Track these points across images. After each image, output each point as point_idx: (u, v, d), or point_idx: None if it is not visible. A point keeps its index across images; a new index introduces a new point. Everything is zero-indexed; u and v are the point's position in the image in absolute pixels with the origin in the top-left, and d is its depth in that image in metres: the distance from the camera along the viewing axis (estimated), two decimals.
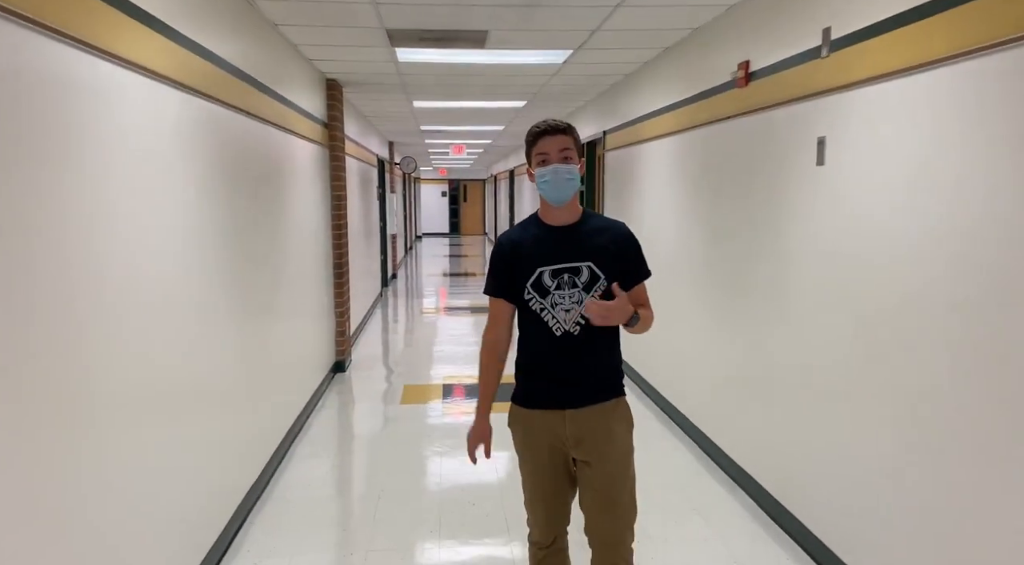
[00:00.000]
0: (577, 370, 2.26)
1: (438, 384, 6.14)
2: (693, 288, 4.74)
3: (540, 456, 2.29)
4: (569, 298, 2.23)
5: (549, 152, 2.20)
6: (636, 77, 6.05)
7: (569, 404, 2.25)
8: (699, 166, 4.62)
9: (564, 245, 2.26)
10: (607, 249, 2.27)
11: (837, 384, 3.00)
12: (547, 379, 2.28)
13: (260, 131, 4.13)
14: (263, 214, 4.17)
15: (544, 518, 2.34)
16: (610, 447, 2.25)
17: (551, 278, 2.23)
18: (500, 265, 2.32)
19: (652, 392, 5.61)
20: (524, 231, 2.34)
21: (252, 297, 3.87)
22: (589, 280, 2.24)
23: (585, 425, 2.24)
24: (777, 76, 3.50)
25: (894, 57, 2.62)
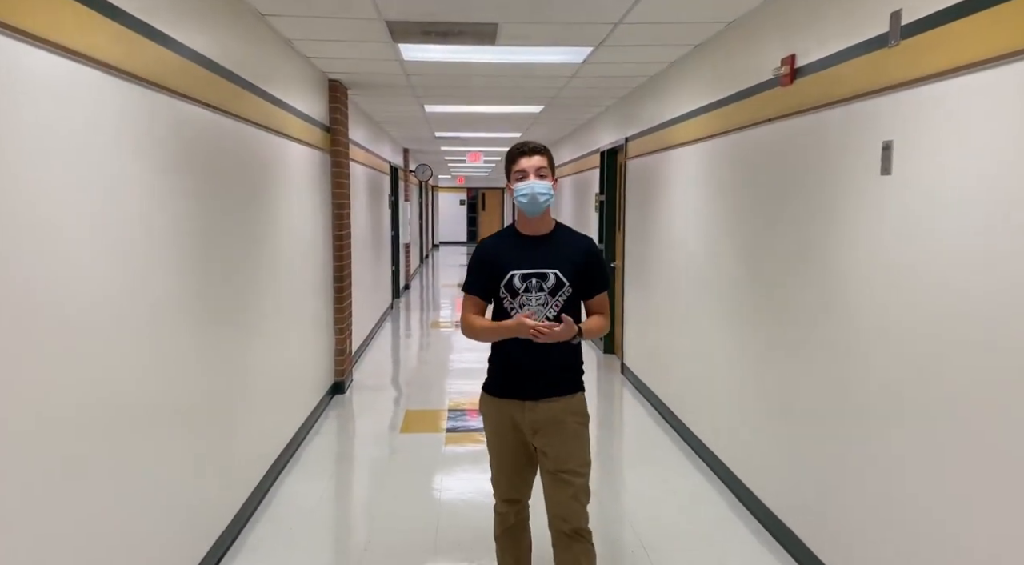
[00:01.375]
0: (538, 366, 2.53)
1: (442, 410, 5.67)
2: (723, 310, 4.24)
3: (504, 439, 2.60)
4: (535, 300, 2.53)
5: (527, 169, 2.52)
6: (662, 78, 5.57)
7: (529, 396, 2.54)
8: (732, 175, 4.13)
9: (534, 253, 2.56)
10: (573, 260, 2.57)
11: (900, 424, 2.50)
12: (512, 372, 2.57)
13: (242, 133, 3.70)
14: (244, 223, 3.74)
15: (507, 489, 2.66)
16: (561, 436, 2.53)
17: (521, 281, 2.53)
18: (477, 266, 2.64)
19: (677, 423, 5.10)
20: (502, 238, 2.69)
21: (225, 313, 3.43)
22: (555, 285, 2.53)
23: (541, 415, 2.52)
24: (830, 71, 3.01)
25: (983, 43, 2.13)
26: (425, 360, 8.04)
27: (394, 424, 5.35)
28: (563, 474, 2.52)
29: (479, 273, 2.62)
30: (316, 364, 5.53)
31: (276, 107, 4.33)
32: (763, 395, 3.70)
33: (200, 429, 3.14)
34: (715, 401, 4.40)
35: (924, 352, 2.40)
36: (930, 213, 2.38)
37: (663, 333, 5.56)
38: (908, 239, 2.50)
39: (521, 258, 2.55)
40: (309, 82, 5.31)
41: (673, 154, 5.29)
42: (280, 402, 4.45)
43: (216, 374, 3.32)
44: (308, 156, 5.22)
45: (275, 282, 4.31)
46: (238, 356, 3.64)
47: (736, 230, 4.05)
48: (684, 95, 5.01)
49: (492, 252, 2.63)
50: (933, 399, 2.36)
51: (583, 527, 2.55)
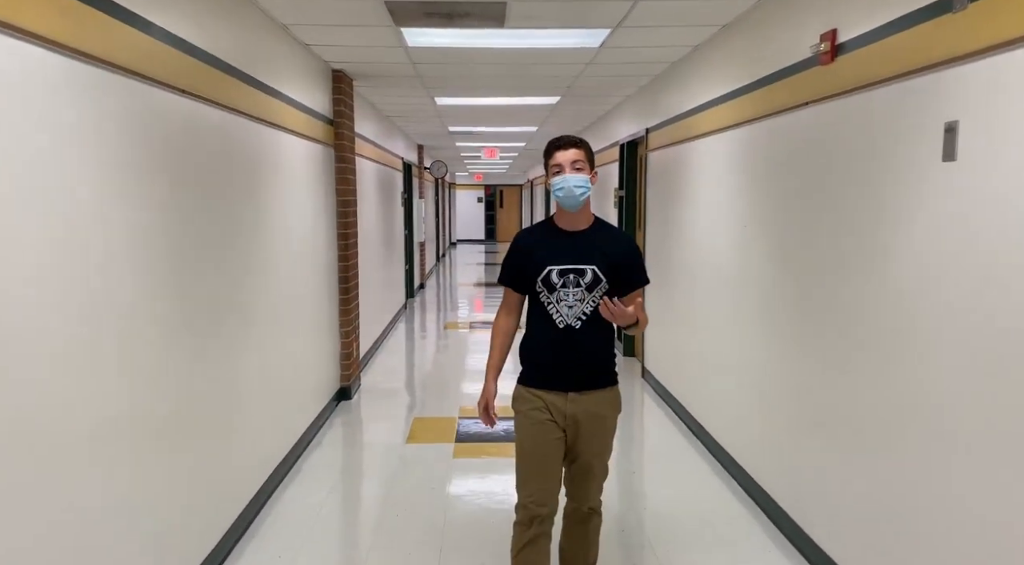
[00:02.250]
0: (575, 359, 2.54)
1: (452, 418, 5.35)
2: (755, 313, 3.89)
3: (541, 432, 2.53)
4: (573, 296, 2.51)
5: (563, 164, 2.49)
6: (685, 64, 5.21)
7: (572, 388, 2.54)
8: (764, 165, 3.78)
9: (573, 248, 2.54)
10: (611, 256, 2.55)
11: (964, 436, 2.14)
12: (551, 365, 2.56)
13: (230, 124, 3.41)
14: (232, 222, 3.44)
15: (538, 485, 2.55)
16: (601, 431, 2.57)
17: (558, 277, 2.52)
18: (514, 259, 2.64)
19: (702, 433, 4.75)
20: (539, 232, 2.67)
21: (208, 319, 3.13)
22: (592, 281, 2.52)
23: (584, 407, 2.53)
24: (878, 46, 2.65)
25: None
26: (438, 363, 7.74)
27: (400, 432, 5.04)
28: (596, 465, 2.60)
29: (515, 267, 2.64)
30: (319, 370, 5.24)
31: (270, 97, 4.03)
32: (800, 407, 3.34)
33: (180, 444, 2.86)
34: (745, 411, 4.05)
35: (997, 366, 2.05)
36: (1005, 206, 2.02)
37: (688, 336, 5.21)
38: (977, 235, 2.14)
39: (559, 253, 2.54)
40: (309, 72, 5.01)
41: (698, 144, 4.94)
42: (277, 411, 4.16)
43: (199, 384, 3.03)
44: (309, 150, 4.93)
45: (269, 285, 4.01)
46: (226, 364, 3.35)
47: (769, 225, 3.70)
48: (709, 80, 4.65)
49: (530, 245, 2.63)
50: (1008, 424, 2.00)
51: (598, 504, 2.69)
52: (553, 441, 2.53)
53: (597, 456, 2.59)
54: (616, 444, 2.72)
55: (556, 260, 2.53)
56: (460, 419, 5.33)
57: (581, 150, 2.51)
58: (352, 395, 5.91)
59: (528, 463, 2.56)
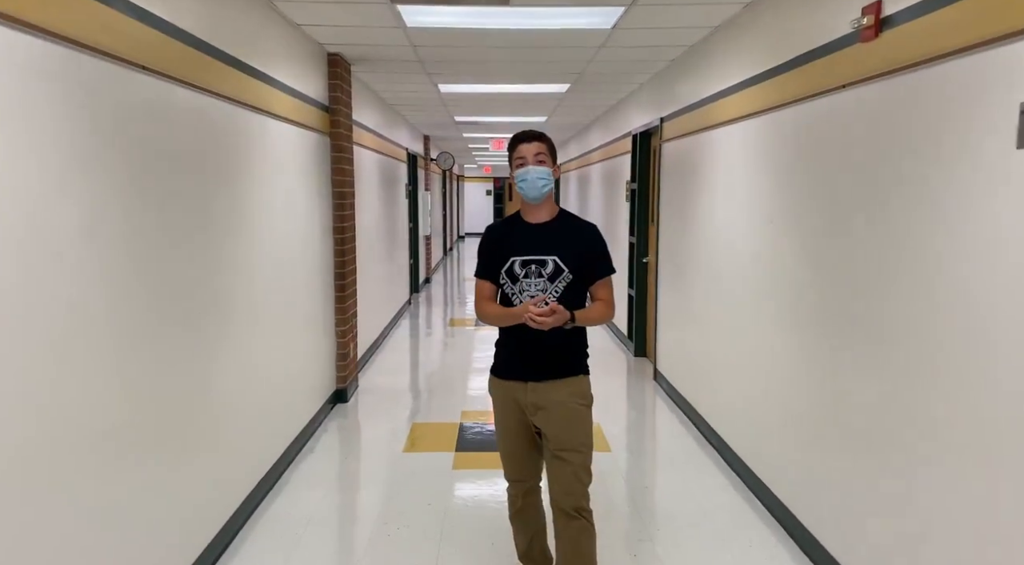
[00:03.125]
0: (539, 349, 2.56)
1: (454, 423, 5.05)
2: (781, 317, 3.56)
3: (509, 419, 2.67)
4: (535, 286, 2.56)
5: (526, 156, 2.56)
6: (705, 47, 4.88)
7: (531, 377, 2.59)
8: (792, 155, 3.44)
9: (535, 240, 2.59)
10: (573, 246, 2.58)
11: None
12: (515, 354, 2.62)
13: (206, 107, 3.11)
14: (205, 214, 3.14)
15: (513, 468, 2.73)
16: (561, 417, 2.57)
17: (520, 267, 2.58)
18: (484, 251, 2.70)
19: (718, 442, 4.44)
20: (506, 225, 2.72)
21: (176, 319, 2.84)
22: (554, 272, 2.56)
23: (542, 397, 2.57)
24: (933, 17, 2.31)
25: None
26: (441, 363, 7.43)
27: (398, 439, 4.74)
28: (563, 453, 2.57)
29: (486, 258, 2.68)
30: (313, 371, 4.95)
31: (255, 80, 3.72)
32: (831, 422, 3.02)
33: (147, 455, 2.57)
34: (767, 422, 3.73)
35: None
36: None
37: (704, 339, 4.89)
38: None
39: (522, 244, 2.60)
40: (302, 54, 4.70)
41: (717, 134, 4.60)
42: (264, 417, 3.87)
43: (168, 389, 2.74)
44: (300, 138, 4.62)
45: (253, 281, 3.71)
46: (201, 367, 3.06)
47: (799, 222, 3.37)
48: (731, 64, 4.31)
49: (497, 238, 2.69)
50: None
51: (583, 506, 2.58)
52: (517, 424, 2.66)
53: (566, 443, 2.57)
54: (625, 450, 2.44)
55: (519, 251, 2.60)
56: (462, 424, 5.03)
57: (543, 144, 2.59)
58: (349, 397, 5.62)
59: (501, 445, 2.75)
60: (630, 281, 7.33)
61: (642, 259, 7.05)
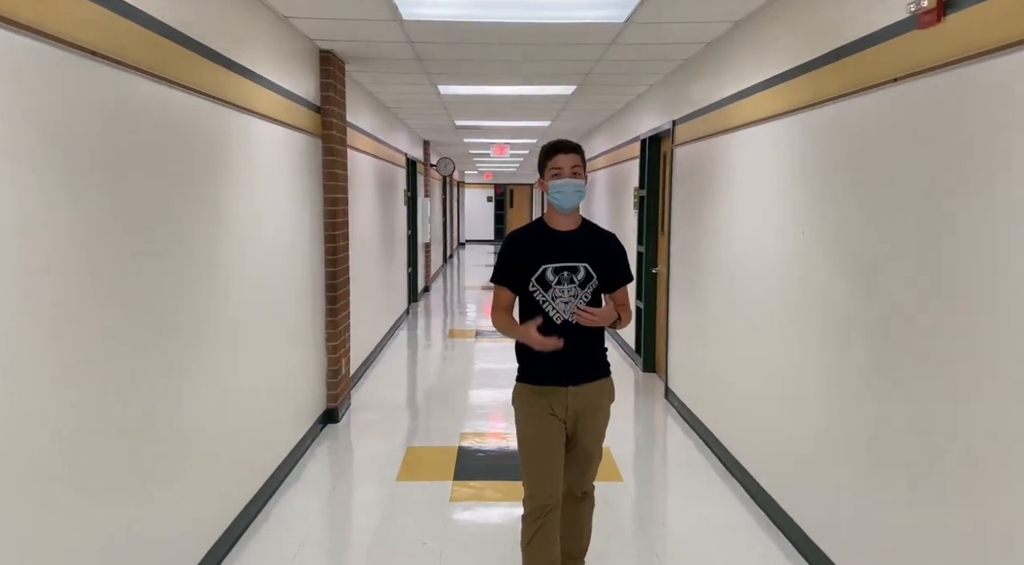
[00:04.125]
0: (579, 351, 2.66)
1: (452, 448, 4.69)
2: (813, 336, 3.22)
3: (544, 427, 2.65)
4: (567, 292, 2.64)
5: (563, 167, 2.62)
6: (722, 44, 4.54)
7: (571, 382, 2.66)
8: (830, 159, 3.10)
9: (566, 247, 2.67)
10: (601, 253, 2.71)
11: None
12: (550, 360, 2.61)
13: (176, 103, 2.77)
14: (172, 220, 2.80)
15: (545, 485, 2.64)
16: (599, 420, 2.74)
17: (553, 274, 2.64)
18: (507, 259, 2.71)
19: (739, 470, 4.08)
20: (531, 232, 2.76)
21: (135, 334, 2.49)
22: (585, 278, 2.66)
23: (583, 400, 2.67)
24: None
25: None
26: (440, 378, 7.06)
27: (392, 465, 4.39)
28: (594, 453, 2.76)
29: (510, 265, 2.69)
30: (300, 390, 4.60)
31: (235, 74, 3.39)
32: (875, 456, 2.67)
33: (98, 495, 2.22)
34: (797, 450, 3.38)
35: None
36: None
37: (722, 356, 4.54)
38: None
39: (553, 252, 2.65)
40: (291, 50, 4.37)
41: (736, 137, 4.26)
42: (240, 445, 3.52)
43: (125, 415, 2.40)
44: (288, 139, 4.28)
45: (230, 295, 3.37)
46: (162, 392, 2.71)
47: (840, 232, 3.02)
48: (754, 61, 3.98)
49: (523, 245, 2.71)
50: None
51: (592, 487, 2.85)
52: (556, 435, 2.66)
53: (595, 443, 2.75)
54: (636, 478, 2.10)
55: (550, 258, 2.64)
56: (461, 447, 4.67)
57: (580, 156, 2.64)
58: (340, 417, 5.26)
59: (534, 457, 2.67)
60: (639, 292, 6.98)
61: (651, 269, 6.70)
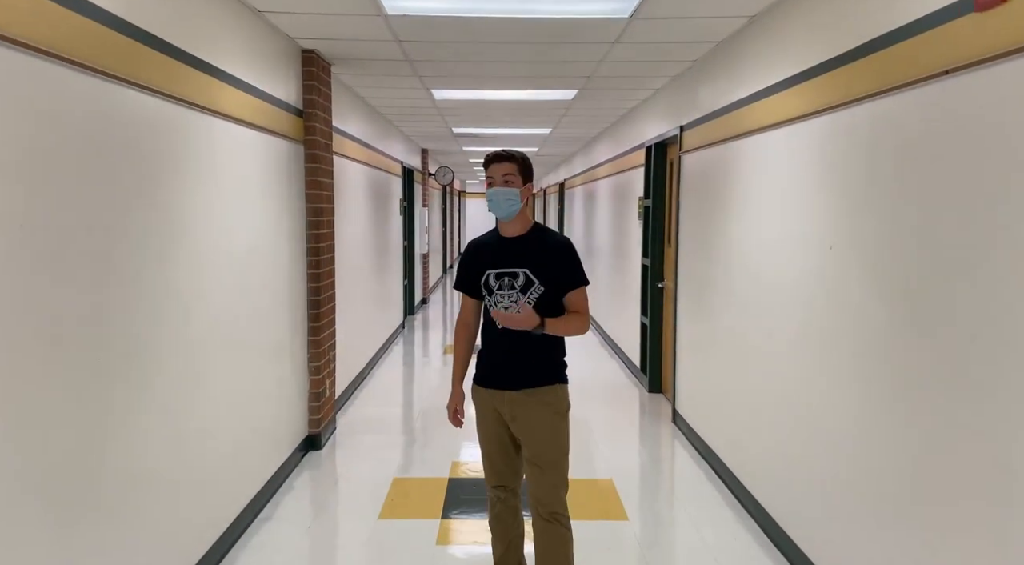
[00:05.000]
0: (514, 358, 2.72)
1: (442, 480, 4.32)
2: (846, 360, 2.85)
3: (488, 425, 2.79)
4: (507, 297, 2.68)
5: (494, 176, 2.69)
6: (734, 43, 4.20)
7: (508, 386, 2.72)
8: (864, 164, 2.74)
9: (508, 253, 2.72)
10: (543, 258, 2.69)
11: None
12: (493, 363, 2.77)
13: (123, 101, 2.42)
14: (116, 231, 2.45)
15: (492, 471, 2.83)
16: (535, 425, 2.70)
17: (495, 280, 2.72)
18: (463, 265, 2.84)
19: (751, 502, 3.71)
20: (484, 239, 2.86)
21: (72, 361, 2.13)
22: (525, 283, 2.68)
23: (519, 405, 2.70)
24: None
25: None
26: (433, 400, 6.66)
27: (376, 499, 4.01)
28: (541, 464, 2.69)
29: (465, 272, 2.82)
30: (277, 417, 4.23)
31: (197, 70, 3.04)
32: (918, 497, 2.30)
33: (32, 543, 1.86)
34: (819, 486, 3.01)
35: None
36: None
37: (735, 380, 4.17)
38: None
39: (496, 258, 2.72)
40: (269, 49, 4.03)
41: (751, 142, 3.91)
42: (202, 482, 3.16)
43: (64, 452, 2.04)
44: (264, 145, 3.94)
45: (191, 315, 3.01)
46: (102, 428, 2.35)
47: (873, 247, 2.66)
48: (771, 59, 3.63)
49: (475, 252, 2.81)
50: None
51: (559, 512, 2.71)
52: (498, 431, 2.76)
53: (542, 452, 2.70)
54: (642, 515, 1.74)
55: (493, 264, 2.71)
56: (451, 480, 4.30)
57: (513, 164, 2.68)
58: (323, 443, 4.89)
59: (484, 449, 2.82)
60: (643, 308, 6.62)
61: (657, 283, 6.34)
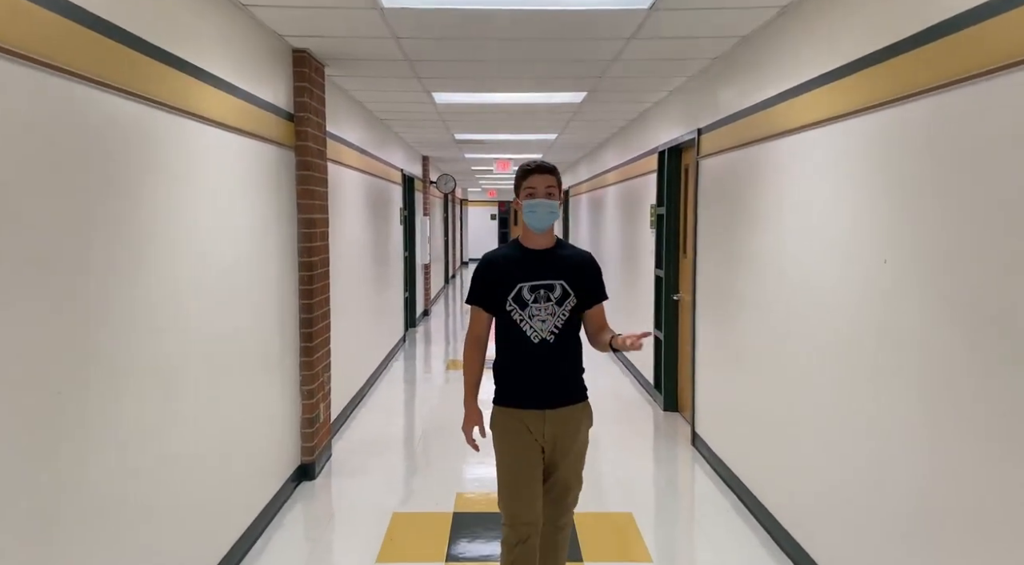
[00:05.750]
0: (553, 374, 2.65)
1: (446, 515, 3.95)
2: (906, 390, 2.50)
3: (520, 449, 2.61)
4: (544, 310, 2.62)
5: (537, 187, 2.64)
6: (762, 37, 3.86)
7: (548, 405, 2.62)
8: (932, 168, 2.39)
9: (541, 265, 2.67)
10: (576, 272, 2.70)
11: None
12: (527, 382, 2.64)
13: (84, 100, 2.08)
14: (72, 246, 2.10)
15: (520, 504, 2.61)
16: (576, 445, 2.67)
17: (529, 293, 2.63)
18: (482, 279, 2.71)
19: (787, 541, 3.35)
20: (507, 252, 2.78)
21: (20, 389, 1.79)
22: (561, 295, 2.64)
23: (560, 424, 2.62)
24: None
25: None
26: (436, 418, 6.31)
27: (374, 537, 3.65)
28: (572, 481, 2.68)
29: (484, 286, 2.69)
30: (265, 445, 3.88)
31: (170, 68, 2.71)
32: (994, 547, 1.95)
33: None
34: (881, 534, 2.65)
35: None
36: None
37: (765, 403, 3.81)
38: None
39: (529, 271, 2.65)
40: (255, 48, 3.70)
41: (784, 144, 3.57)
42: (176, 525, 2.80)
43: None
44: (249, 151, 3.60)
45: (163, 337, 2.67)
46: (50, 470, 2.00)
47: (942, 263, 2.31)
48: (807, 53, 3.29)
49: (499, 265, 2.70)
50: None
51: (571, 518, 2.75)
52: (534, 458, 2.62)
53: (574, 471, 2.68)
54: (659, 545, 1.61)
55: (526, 277, 2.63)
56: (456, 516, 3.94)
57: (554, 177, 2.65)
58: (317, 473, 4.54)
59: (513, 481, 2.63)
60: (657, 321, 6.27)
61: (672, 296, 5.99)
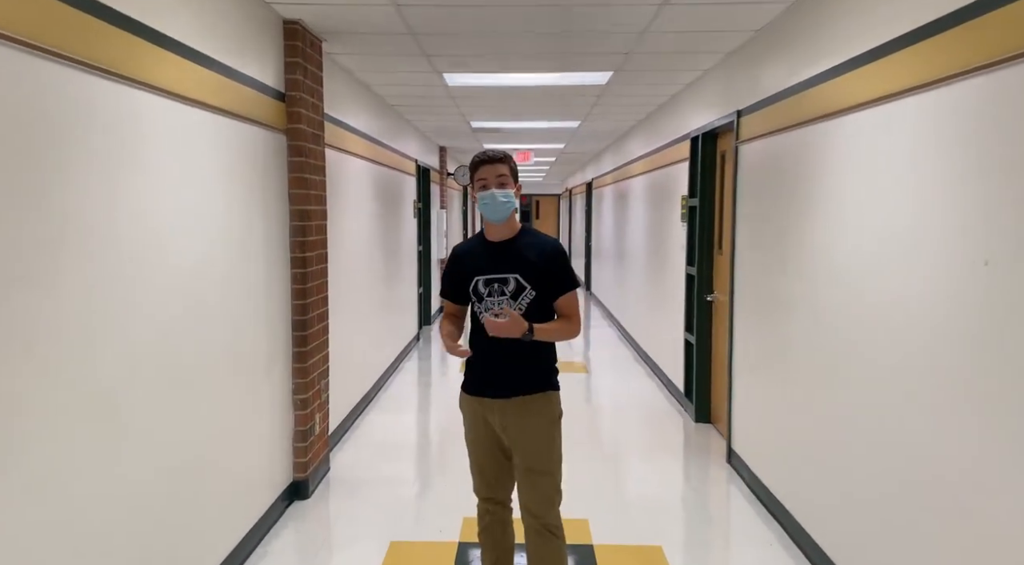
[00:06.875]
0: (505, 366, 2.63)
1: (451, 544, 3.50)
2: (1014, 412, 2.00)
3: (478, 434, 2.71)
4: (498, 304, 2.60)
5: (488, 178, 2.61)
6: (811, 3, 3.35)
7: (498, 395, 2.64)
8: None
9: (497, 258, 2.65)
10: (534, 263, 2.62)
11: None
12: (482, 372, 2.68)
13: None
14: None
15: (482, 481, 2.75)
16: (528, 434, 2.62)
17: (484, 286, 2.64)
18: (447, 273, 2.78)
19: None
20: (470, 244, 2.80)
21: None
22: (516, 289, 2.61)
23: (509, 414, 2.62)
24: None
25: None
26: (446, 427, 5.80)
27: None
28: (533, 475, 2.62)
29: (449, 278, 2.75)
30: (251, 464, 3.45)
31: (113, 27, 2.26)
32: None
33: None
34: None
35: None
36: None
37: (819, 422, 3.31)
38: None
39: (485, 263, 2.64)
40: (236, 15, 3.25)
41: (845, 123, 3.06)
42: (145, 546, 2.38)
43: None
44: (227, 132, 3.15)
45: (89, 353, 2.23)
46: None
47: None
48: (886, 10, 2.77)
49: (460, 258, 2.74)
50: None
51: (552, 523, 2.63)
52: (487, 440, 2.67)
53: (533, 461, 2.61)
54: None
55: (482, 270, 2.63)
56: (461, 546, 3.48)
57: (506, 165, 2.61)
58: (311, 491, 4.10)
59: (475, 462, 2.74)
60: (688, 323, 5.76)
61: (705, 296, 5.48)
